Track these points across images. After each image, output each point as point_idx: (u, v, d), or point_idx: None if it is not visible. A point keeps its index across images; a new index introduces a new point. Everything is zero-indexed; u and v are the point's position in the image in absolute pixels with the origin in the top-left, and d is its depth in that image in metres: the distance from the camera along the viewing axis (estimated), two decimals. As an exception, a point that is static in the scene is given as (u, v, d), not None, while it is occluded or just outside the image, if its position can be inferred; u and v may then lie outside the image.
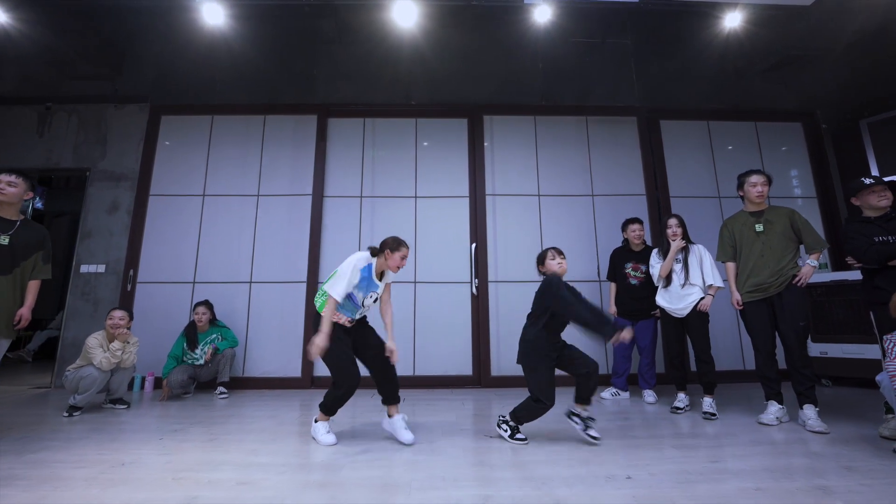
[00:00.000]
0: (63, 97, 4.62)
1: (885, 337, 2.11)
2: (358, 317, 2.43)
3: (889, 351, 2.07)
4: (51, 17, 3.68)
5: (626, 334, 2.11)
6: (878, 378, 2.12)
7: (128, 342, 3.13)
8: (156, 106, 4.62)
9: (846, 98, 4.70)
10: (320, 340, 2.17)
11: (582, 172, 4.59)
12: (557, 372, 2.34)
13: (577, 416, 2.33)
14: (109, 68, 4.65)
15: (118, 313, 3.12)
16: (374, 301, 2.45)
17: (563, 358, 2.35)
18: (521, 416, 2.33)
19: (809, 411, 2.54)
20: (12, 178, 2.42)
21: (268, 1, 3.42)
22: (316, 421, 2.39)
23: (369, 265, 2.37)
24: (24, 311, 2.38)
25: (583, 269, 4.33)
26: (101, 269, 4.26)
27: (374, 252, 2.41)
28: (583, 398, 2.33)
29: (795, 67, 4.59)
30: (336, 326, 2.30)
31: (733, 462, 1.98)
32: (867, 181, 2.50)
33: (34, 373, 4.90)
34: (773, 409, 2.67)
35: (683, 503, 1.57)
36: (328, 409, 2.35)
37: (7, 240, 2.32)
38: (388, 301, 2.53)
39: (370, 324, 2.54)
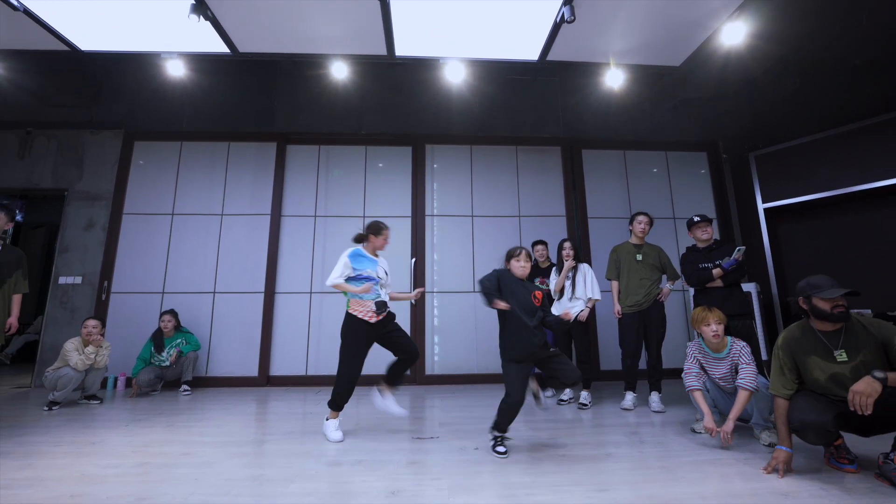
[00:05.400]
0: (43, 123, 5.09)
1: (688, 343, 2.76)
2: (384, 296, 2.71)
3: (687, 355, 2.72)
4: (36, 63, 4.16)
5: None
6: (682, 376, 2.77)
7: (101, 347, 3.65)
8: (129, 132, 5.12)
9: (741, 132, 5.43)
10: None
11: (511, 195, 5.23)
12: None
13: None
14: (87, 98, 5.13)
15: (91, 322, 3.64)
16: (387, 273, 2.80)
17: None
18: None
19: (655, 396, 3.35)
20: None
21: (224, 57, 3.96)
22: (327, 420, 2.69)
23: (356, 250, 2.74)
24: (13, 321, 2.91)
25: (510, 281, 4.97)
26: (78, 280, 4.75)
27: (360, 238, 2.81)
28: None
29: (695, 106, 5.31)
30: (361, 323, 2.62)
31: (565, 438, 2.61)
32: (695, 218, 3.18)
33: (14, 374, 5.35)
34: (630, 396, 3.42)
35: (497, 465, 2.19)
36: (336, 404, 2.66)
37: (-5, 262, 2.84)
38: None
39: (394, 316, 2.84)
